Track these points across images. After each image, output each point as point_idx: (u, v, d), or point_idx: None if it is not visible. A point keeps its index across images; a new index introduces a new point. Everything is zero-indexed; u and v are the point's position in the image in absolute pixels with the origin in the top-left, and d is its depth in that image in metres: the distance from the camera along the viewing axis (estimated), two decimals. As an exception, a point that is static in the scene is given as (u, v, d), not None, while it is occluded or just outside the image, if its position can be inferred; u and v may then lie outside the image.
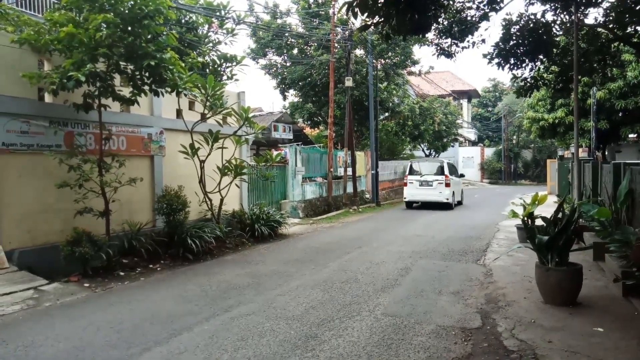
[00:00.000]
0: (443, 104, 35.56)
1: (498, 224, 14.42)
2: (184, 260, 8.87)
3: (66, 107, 7.85)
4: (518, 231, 11.20)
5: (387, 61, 23.41)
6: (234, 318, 5.59)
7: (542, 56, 10.71)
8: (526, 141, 43.04)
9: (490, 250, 10.08)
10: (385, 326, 5.32)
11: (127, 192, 8.94)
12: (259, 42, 22.49)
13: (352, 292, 6.72)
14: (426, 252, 9.81)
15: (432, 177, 18.53)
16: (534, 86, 11.72)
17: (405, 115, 27.87)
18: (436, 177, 18.48)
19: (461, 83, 49.40)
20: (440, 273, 7.93)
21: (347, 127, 19.01)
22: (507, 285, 7.14)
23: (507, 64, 10.69)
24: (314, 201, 17.27)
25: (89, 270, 7.50)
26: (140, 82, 8.01)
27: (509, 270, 8.17)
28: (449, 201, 18.42)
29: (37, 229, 7.80)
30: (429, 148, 37.20)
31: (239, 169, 10.52)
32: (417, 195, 18.86)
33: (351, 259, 9.12)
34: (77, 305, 6.13)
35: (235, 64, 11.69)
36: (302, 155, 17.04)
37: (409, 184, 19.01)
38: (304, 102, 23.79)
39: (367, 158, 22.74)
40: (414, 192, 18.86)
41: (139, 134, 9.69)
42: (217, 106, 9.64)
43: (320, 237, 12.00)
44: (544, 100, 21.03)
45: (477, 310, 5.93)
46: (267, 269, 8.22)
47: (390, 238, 11.67)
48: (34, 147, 7.70)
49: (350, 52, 19.02)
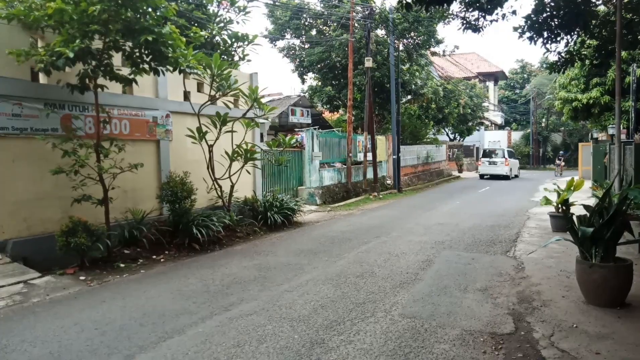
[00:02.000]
0: (468, 86, 34.28)
1: (528, 210, 13.53)
2: (190, 250, 8.36)
3: (62, 88, 7.32)
4: (551, 219, 10.36)
5: (410, 41, 22.38)
6: (233, 318, 5.01)
7: (578, 29, 9.74)
8: (556, 124, 41.36)
9: (520, 240, 9.28)
10: (402, 330, 4.66)
11: (131, 179, 8.45)
12: (277, 22, 21.75)
13: (367, 288, 6.07)
14: (450, 242, 9.07)
15: (496, 159, 26.85)
16: (569, 61, 10.71)
17: (429, 98, 26.82)
18: (499, 159, 26.77)
19: (487, 64, 47.69)
20: (465, 266, 7.21)
21: (367, 110, 18.20)
22: (542, 282, 6.38)
23: (539, 38, 9.78)
24: (332, 187, 16.61)
25: (86, 262, 7.04)
26: (139, 60, 7.42)
27: (543, 263, 7.39)
28: (507, 174, 26.49)
29: (34, 217, 7.36)
30: (453, 132, 36.08)
31: (250, 154, 9.92)
32: (487, 170, 27.18)
33: (368, 249, 8.46)
34: (66, 302, 5.65)
35: (247, 43, 11.05)
36: (319, 139, 16.33)
37: (482, 163, 27.68)
38: (323, 85, 23.03)
39: (388, 142, 21.90)
40: (485, 168, 27.37)
41: (144, 117, 9.15)
42: (224, 87, 9.01)
43: (337, 226, 11.36)
44: (577, 80, 19.79)
45: (509, 312, 5.21)
46: (276, 261, 7.63)
47: (412, 227, 10.95)
48: (27, 131, 7.23)
49: (370, 30, 18.10)
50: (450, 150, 33.31)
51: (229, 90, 9.04)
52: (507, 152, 27.66)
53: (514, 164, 27.92)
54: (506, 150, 27.89)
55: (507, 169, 26.38)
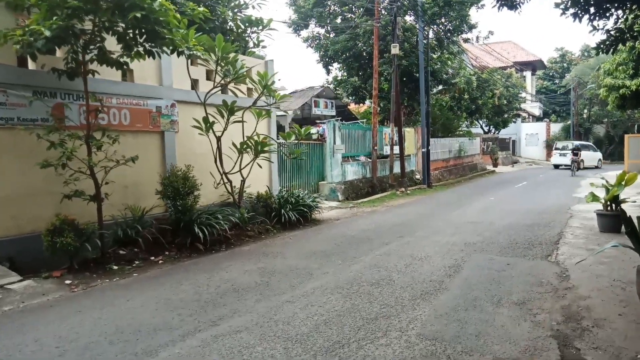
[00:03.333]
0: (504, 76, 32.59)
1: (570, 208, 12.29)
2: (193, 251, 7.67)
3: (47, 74, 6.72)
4: (598, 218, 9.20)
5: (440, 27, 21.15)
6: (218, 336, 4.25)
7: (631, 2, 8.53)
8: (598, 115, 38.99)
9: (563, 242, 8.19)
10: (419, 357, 3.79)
11: (132, 173, 7.84)
12: (299, 11, 20.93)
13: (382, 300, 5.21)
14: (482, 243, 8.08)
15: (568, 151, 28.59)
16: (619, 40, 9.46)
17: (461, 88, 25.48)
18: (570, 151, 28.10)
19: (525, 53, 45.51)
20: (499, 273, 6.24)
21: (394, 100, 17.17)
22: (592, 294, 5.36)
23: (585, 15, 8.62)
24: (355, 182, 15.70)
25: (75, 264, 6.44)
26: (133, 42, 6.74)
27: (592, 270, 6.33)
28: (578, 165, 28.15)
29: (23, 215, 6.80)
30: (487, 124, 34.48)
31: (261, 146, 9.16)
32: (559, 160, 29.89)
33: (389, 251, 7.57)
34: (38, 311, 5.02)
35: (262, 28, 10.26)
36: (342, 131, 15.41)
37: (554, 154, 30.64)
38: (349, 75, 22.09)
39: (417, 135, 20.78)
40: (557, 159, 30.12)
41: (146, 107, 8.50)
42: (230, 73, 8.27)
43: (358, 224, 10.49)
44: (625, 65, 18.08)
45: (552, 333, 4.26)
46: (284, 264, 6.84)
47: (439, 225, 9.97)
48: (14, 121, 6.66)
49: (397, 15, 17.04)
50: (484, 144, 31.76)
51: (235, 77, 8.27)
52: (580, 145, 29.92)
53: (587, 156, 30.03)
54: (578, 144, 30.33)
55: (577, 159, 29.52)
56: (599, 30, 9.27)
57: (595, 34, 9.22)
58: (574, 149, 26.60)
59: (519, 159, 38.94)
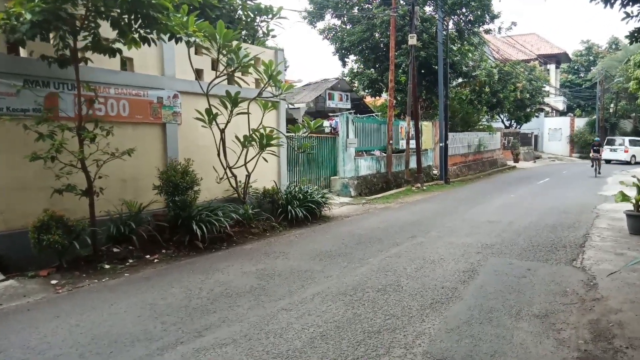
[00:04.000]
0: (527, 69, 31.53)
1: (596, 207, 11.57)
2: (192, 249, 7.28)
3: (37, 61, 6.36)
4: (628, 219, 8.53)
5: (461, 17, 20.36)
6: (200, 350, 3.82)
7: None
8: (626, 110, 37.53)
9: (589, 245, 7.57)
10: (424, 382, 3.30)
11: (131, 167, 7.50)
12: (314, 1, 20.36)
13: (388, 309, 4.72)
14: (500, 245, 7.51)
15: (617, 147, 30.68)
16: (655, 28, 8.74)
17: (482, 81, 24.62)
18: (620, 147, 30.64)
19: (549, 46, 44.10)
20: (519, 280, 5.68)
21: (410, 92, 16.54)
22: (624, 307, 4.78)
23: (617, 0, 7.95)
24: (369, 178, 15.15)
25: (63, 263, 6.09)
26: (127, 27, 6.33)
27: (622, 278, 5.72)
28: (627, 160, 29.89)
29: (12, 210, 6.48)
30: (509, 118, 33.46)
31: (267, 139, 8.71)
32: (610, 155, 29.87)
33: (399, 253, 7.06)
34: (13, 316, 4.66)
35: (272, 16, 9.83)
36: (356, 125, 14.84)
37: (605, 150, 29.15)
38: (365, 67, 21.46)
39: (435, 129, 20.10)
40: (608, 154, 29.66)
41: (146, 98, 8.11)
42: (233, 62, 7.82)
43: (369, 222, 9.98)
44: (657, 56, 17.17)
45: (579, 355, 3.73)
46: (285, 266, 6.39)
47: (455, 224, 9.40)
48: (2, 111, 6.32)
49: (415, 4, 16.37)
50: (505, 138, 30.77)
51: (238, 66, 7.82)
52: (629, 141, 31.20)
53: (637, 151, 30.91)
54: (627, 140, 31.37)
55: (626, 155, 30.26)
56: (632, 17, 8.57)
57: (628, 21, 8.40)
58: (596, 144, 22.83)
59: (542, 155, 37.80)
